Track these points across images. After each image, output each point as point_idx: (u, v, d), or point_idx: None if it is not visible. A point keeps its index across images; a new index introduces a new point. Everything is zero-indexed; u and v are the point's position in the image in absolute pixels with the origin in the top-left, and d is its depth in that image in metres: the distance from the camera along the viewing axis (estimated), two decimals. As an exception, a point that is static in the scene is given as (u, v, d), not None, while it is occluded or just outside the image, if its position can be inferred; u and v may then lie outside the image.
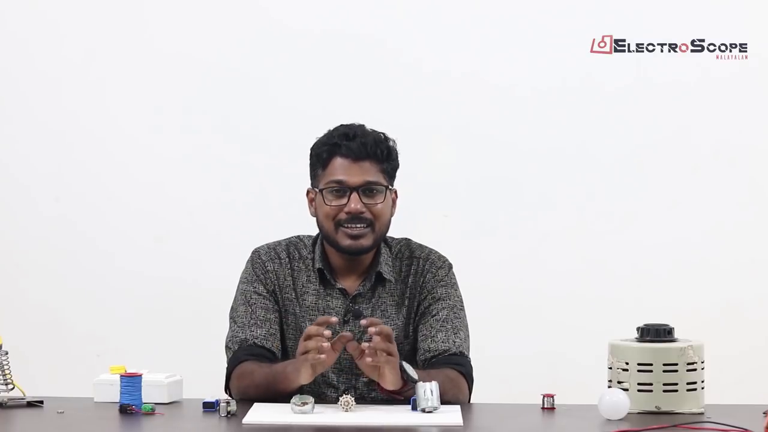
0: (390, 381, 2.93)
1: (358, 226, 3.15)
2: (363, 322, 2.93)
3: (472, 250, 4.64)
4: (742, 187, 4.71)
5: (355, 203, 3.13)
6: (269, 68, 4.74)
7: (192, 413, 2.94)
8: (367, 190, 3.15)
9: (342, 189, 3.15)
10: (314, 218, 3.23)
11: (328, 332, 2.89)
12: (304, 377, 2.95)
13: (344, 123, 3.23)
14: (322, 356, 2.89)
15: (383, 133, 3.20)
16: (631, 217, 4.72)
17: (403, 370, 2.92)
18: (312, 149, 3.22)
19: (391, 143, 3.20)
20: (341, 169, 3.15)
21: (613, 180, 4.72)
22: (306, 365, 2.92)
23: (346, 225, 3.15)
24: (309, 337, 2.91)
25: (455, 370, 3.13)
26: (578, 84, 4.71)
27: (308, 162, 3.24)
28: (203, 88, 4.75)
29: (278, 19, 4.74)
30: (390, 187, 3.19)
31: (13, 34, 4.77)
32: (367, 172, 3.15)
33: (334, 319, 2.91)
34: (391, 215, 3.23)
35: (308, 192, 3.25)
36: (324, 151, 3.17)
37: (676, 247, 4.71)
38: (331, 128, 3.22)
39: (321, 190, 3.16)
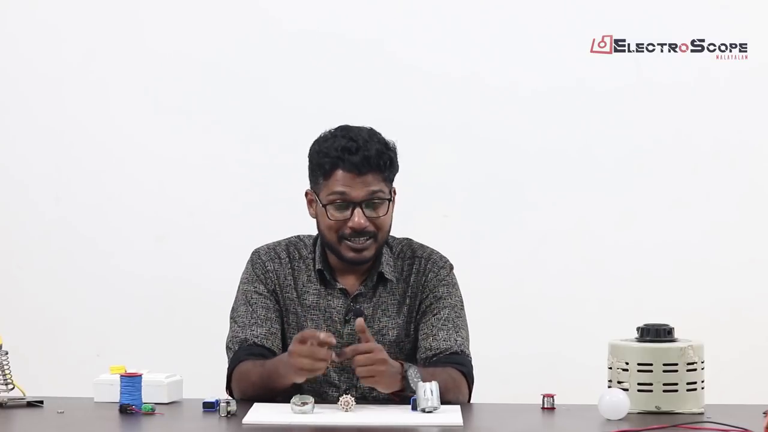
0: (384, 389, 2.96)
1: (362, 239, 3.13)
2: (347, 349, 2.93)
3: (471, 250, 4.64)
4: (742, 188, 4.71)
5: (359, 218, 3.10)
6: (270, 68, 4.73)
7: (192, 413, 2.94)
8: (370, 203, 3.12)
9: (345, 203, 3.12)
10: (314, 219, 3.21)
11: (332, 340, 2.89)
12: (298, 379, 2.97)
13: (346, 126, 3.17)
14: (318, 371, 2.92)
15: (385, 141, 3.15)
16: (631, 217, 4.72)
17: (407, 378, 2.94)
18: (312, 155, 3.17)
19: (392, 150, 3.15)
20: (344, 182, 3.10)
21: (613, 180, 4.72)
22: (300, 372, 2.93)
23: (350, 239, 3.13)
24: (307, 353, 2.89)
25: (457, 369, 3.13)
26: (578, 84, 4.71)
27: (307, 162, 3.21)
28: (203, 88, 4.75)
29: (278, 19, 4.74)
30: (391, 198, 3.16)
31: (13, 35, 4.77)
32: (370, 185, 3.11)
33: (333, 340, 2.90)
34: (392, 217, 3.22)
35: (307, 193, 3.21)
36: (326, 162, 3.11)
37: (676, 247, 4.70)
38: (333, 129, 3.17)
39: (324, 205, 3.12)
